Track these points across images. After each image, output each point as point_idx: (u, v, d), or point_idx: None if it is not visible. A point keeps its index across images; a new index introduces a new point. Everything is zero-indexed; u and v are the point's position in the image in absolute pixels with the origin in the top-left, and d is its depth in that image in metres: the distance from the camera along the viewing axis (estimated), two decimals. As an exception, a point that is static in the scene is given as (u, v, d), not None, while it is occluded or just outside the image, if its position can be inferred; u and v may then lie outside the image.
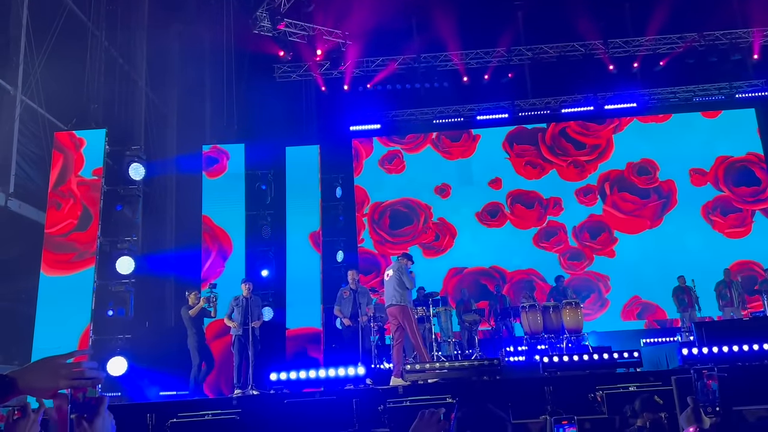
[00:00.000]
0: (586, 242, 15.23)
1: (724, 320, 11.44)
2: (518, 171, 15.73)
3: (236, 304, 9.40)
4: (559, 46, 14.91)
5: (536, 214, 15.46)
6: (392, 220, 15.72)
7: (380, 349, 10.95)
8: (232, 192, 12.49)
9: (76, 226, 9.82)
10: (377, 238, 15.65)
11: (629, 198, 15.34)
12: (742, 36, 14.55)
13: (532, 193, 15.56)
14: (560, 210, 15.46)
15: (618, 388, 6.72)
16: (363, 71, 15.02)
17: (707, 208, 15.22)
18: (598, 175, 15.56)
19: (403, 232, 15.59)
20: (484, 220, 15.53)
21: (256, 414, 6.82)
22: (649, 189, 15.39)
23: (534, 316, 10.60)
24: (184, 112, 13.92)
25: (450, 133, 16.04)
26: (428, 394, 7.10)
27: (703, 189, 15.35)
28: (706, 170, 15.43)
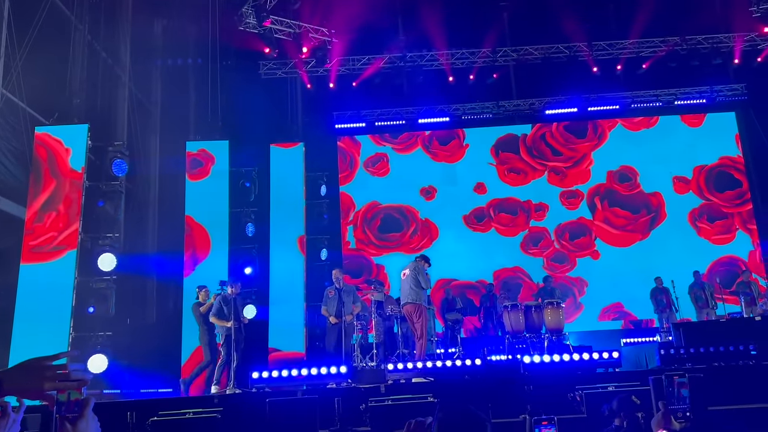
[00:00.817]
0: (568, 245, 15.34)
1: (702, 321, 11.61)
2: (501, 178, 15.76)
3: (225, 303, 9.39)
4: (544, 48, 15.01)
5: (521, 220, 15.51)
6: (383, 223, 15.67)
7: (363, 348, 10.97)
8: (215, 189, 12.45)
9: (56, 219, 9.73)
10: (363, 237, 15.61)
11: (621, 213, 15.41)
12: (724, 41, 14.75)
13: (515, 200, 15.61)
14: (543, 215, 15.53)
15: (597, 388, 6.81)
16: (349, 69, 15.01)
17: (694, 214, 15.38)
18: (588, 188, 15.62)
19: (390, 237, 15.53)
20: (470, 224, 15.57)
21: (238, 412, 6.81)
22: (639, 204, 15.45)
23: (516, 316, 10.67)
24: (168, 108, 13.83)
25: (440, 135, 16.04)
26: (410, 394, 7.14)
27: (688, 197, 15.49)
28: (689, 178, 15.60)
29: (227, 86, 13.52)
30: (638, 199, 15.56)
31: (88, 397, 1.54)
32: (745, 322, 9.87)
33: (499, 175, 15.82)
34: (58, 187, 9.90)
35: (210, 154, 12.48)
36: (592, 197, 15.59)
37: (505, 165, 15.85)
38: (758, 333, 8.65)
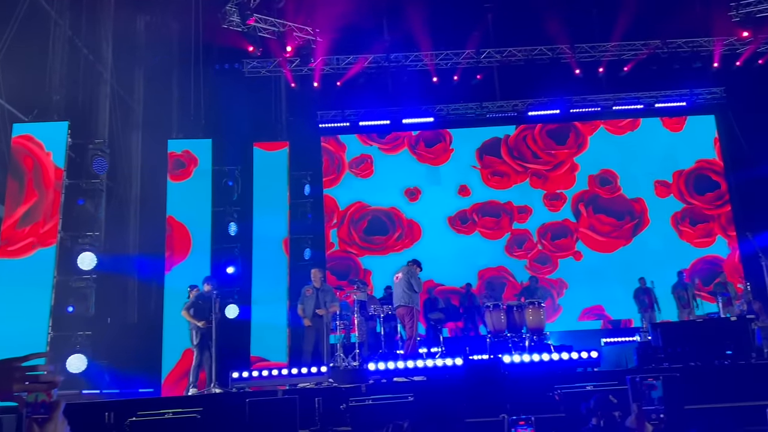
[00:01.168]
0: (550, 245, 15.43)
1: (680, 321, 11.77)
2: (485, 181, 15.80)
3: (202, 301, 9.38)
4: (527, 49, 15.09)
5: (504, 223, 15.56)
6: (369, 225, 15.59)
7: (345, 348, 10.98)
8: (198, 188, 12.39)
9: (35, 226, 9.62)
10: (347, 238, 15.53)
11: (606, 220, 15.46)
12: (704, 45, 14.93)
13: (498, 203, 15.66)
14: (527, 218, 15.60)
15: (576, 388, 6.87)
16: (333, 69, 14.99)
17: (676, 218, 15.54)
18: (572, 195, 15.69)
19: (375, 240, 15.47)
20: (455, 225, 15.59)
21: (217, 413, 6.79)
22: (623, 211, 15.51)
23: (498, 316, 10.75)
24: (150, 106, 13.72)
25: (427, 137, 16.02)
26: (391, 393, 7.16)
27: (669, 200, 15.64)
28: (669, 182, 15.76)
29: (210, 84, 13.45)
30: (622, 206, 15.62)
31: (58, 400, 1.52)
32: (721, 322, 10.01)
33: (482, 178, 15.85)
34: (41, 200, 9.79)
35: (193, 156, 12.42)
36: (576, 204, 15.67)
37: (489, 168, 15.90)
38: (734, 333, 8.78)
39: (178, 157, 12.37)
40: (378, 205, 15.72)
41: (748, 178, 14.96)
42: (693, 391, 6.81)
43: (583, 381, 7.23)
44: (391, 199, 15.75)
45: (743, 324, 9.20)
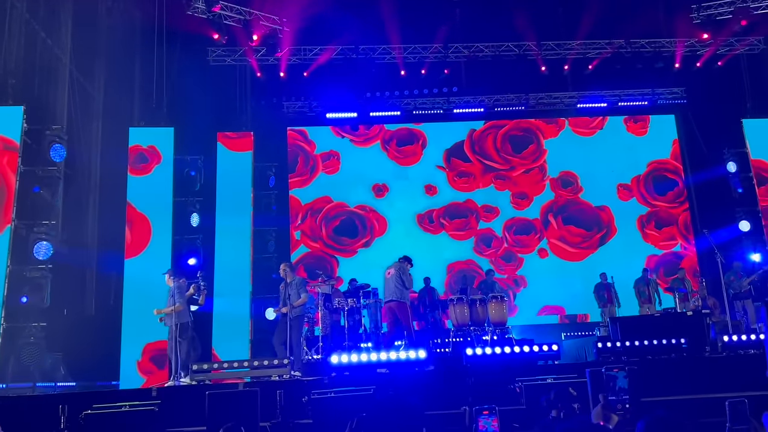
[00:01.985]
0: (515, 239, 15.53)
1: (637, 316, 12.01)
2: (452, 184, 15.80)
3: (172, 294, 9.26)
4: (495, 45, 15.18)
5: (472, 223, 15.56)
6: (342, 225, 15.38)
7: (309, 341, 10.93)
8: (159, 178, 12.16)
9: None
10: (309, 229, 15.34)
11: (576, 231, 15.51)
12: (666, 45, 15.23)
13: (465, 203, 15.67)
14: (494, 217, 15.66)
15: (537, 380, 6.96)
16: (300, 59, 14.82)
17: (642, 220, 15.77)
18: (541, 205, 15.74)
19: (343, 241, 15.27)
20: (422, 224, 15.55)
21: (176, 405, 6.68)
22: (591, 222, 15.61)
23: (461, 309, 10.83)
24: (111, 93, 13.34)
25: (402, 136, 15.92)
26: (353, 386, 7.14)
27: (633, 204, 15.85)
28: (630, 184, 15.97)
29: (173, 72, 13.16)
30: (590, 216, 15.67)
31: None
32: (677, 317, 10.25)
33: (449, 180, 15.82)
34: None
35: (157, 153, 12.17)
36: (545, 214, 15.74)
37: (455, 171, 15.85)
38: (690, 327, 9.02)
39: (143, 150, 12.10)
40: (343, 200, 15.53)
41: (706, 178, 15.35)
42: (650, 383, 6.95)
43: (544, 374, 7.33)
44: (357, 196, 15.58)
45: (698, 319, 9.46)
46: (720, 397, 6.75)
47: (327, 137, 15.87)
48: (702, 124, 15.60)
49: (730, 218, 14.57)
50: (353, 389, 6.90)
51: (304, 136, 15.86)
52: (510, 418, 6.50)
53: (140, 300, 11.27)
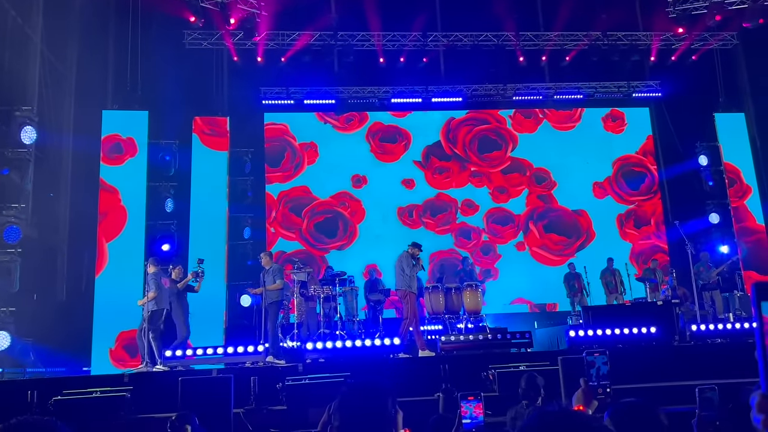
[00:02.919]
0: (495, 229, 15.57)
1: (609, 305, 12.19)
2: (429, 181, 15.75)
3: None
4: (473, 35, 15.18)
5: (452, 218, 15.56)
6: (325, 222, 15.17)
7: (284, 328, 10.90)
8: (133, 161, 11.98)
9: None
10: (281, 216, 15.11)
11: (557, 239, 15.43)
12: (642, 39, 15.39)
13: (443, 198, 15.67)
14: (473, 212, 15.68)
15: (509, 368, 7.03)
16: (278, 44, 14.66)
17: (621, 218, 15.88)
18: (522, 212, 15.71)
19: (322, 239, 14.98)
20: (402, 217, 15.48)
21: (147, 391, 6.62)
22: (570, 228, 15.58)
23: (436, 297, 10.91)
24: (83, 74, 13.07)
25: (387, 134, 15.82)
26: (328, 372, 7.15)
27: (609, 201, 15.94)
28: (603, 181, 16.05)
29: (148, 54, 12.94)
30: (570, 222, 15.68)
31: None
32: (647, 306, 10.44)
33: (427, 178, 15.81)
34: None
35: (134, 144, 11.95)
36: (526, 222, 15.73)
37: (431, 169, 15.82)
38: (659, 317, 9.19)
39: (120, 141, 11.89)
40: (321, 191, 15.36)
41: (679, 170, 15.59)
42: (620, 371, 7.06)
43: (517, 361, 7.41)
44: (336, 185, 15.46)
45: (668, 308, 9.65)
46: (689, 384, 6.92)
47: (307, 123, 15.68)
48: (676, 118, 15.80)
49: (701, 210, 14.85)
50: (328, 375, 6.91)
51: (290, 130, 15.58)
52: (483, 404, 6.56)
53: (113, 286, 11.15)
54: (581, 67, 15.56)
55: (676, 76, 15.50)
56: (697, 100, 15.47)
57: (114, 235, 11.83)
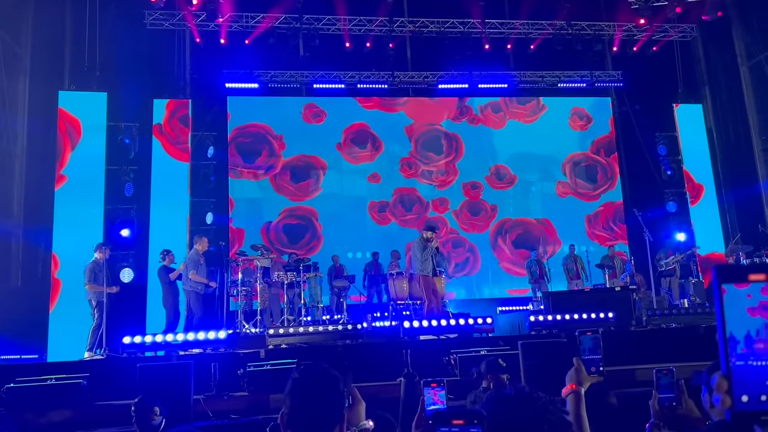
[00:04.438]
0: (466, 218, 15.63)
1: (568, 291, 12.42)
2: (400, 171, 15.65)
3: (99, 270, 9.06)
4: (440, 21, 15.16)
5: (423, 211, 15.57)
6: (293, 228, 14.91)
7: (246, 314, 10.81)
8: (91, 144, 11.67)
9: None
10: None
11: (526, 254, 14.79)
12: (605, 29, 15.59)
13: (412, 191, 15.69)
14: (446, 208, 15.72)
15: (470, 352, 7.11)
16: (242, 26, 14.40)
17: (590, 218, 16.04)
18: (491, 228, 15.75)
19: (287, 245, 14.58)
20: (371, 211, 15.40)
21: (105, 378, 6.50)
22: (538, 239, 15.60)
23: (400, 283, 10.97)
24: (38, 53, 12.63)
25: (358, 140, 15.58)
26: (290, 358, 7.12)
27: (572, 200, 16.12)
28: (565, 180, 16.19)
29: (108, 34, 12.56)
30: (536, 236, 15.70)
31: None
32: (606, 292, 10.66)
33: (399, 170, 15.71)
34: None
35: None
36: (495, 236, 15.76)
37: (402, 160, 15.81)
38: (617, 302, 9.41)
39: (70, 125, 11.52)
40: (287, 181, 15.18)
41: (639, 159, 15.90)
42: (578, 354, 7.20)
43: (478, 346, 7.50)
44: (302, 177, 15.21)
45: (626, 294, 9.88)
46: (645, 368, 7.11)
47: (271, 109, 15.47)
48: (636, 108, 16.09)
49: (659, 199, 15.19)
50: (290, 362, 6.88)
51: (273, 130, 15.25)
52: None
53: (70, 272, 10.90)
54: (545, 56, 15.71)
55: (638, 66, 15.76)
56: (658, 91, 15.78)
57: (72, 218, 11.53)
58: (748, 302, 0.87)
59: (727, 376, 0.87)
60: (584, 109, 16.63)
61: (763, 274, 0.87)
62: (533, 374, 6.34)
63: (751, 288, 0.88)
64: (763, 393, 0.85)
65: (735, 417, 0.86)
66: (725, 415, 0.88)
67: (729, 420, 0.87)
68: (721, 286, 0.89)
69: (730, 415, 0.87)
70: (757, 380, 0.86)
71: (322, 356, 7.18)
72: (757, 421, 0.86)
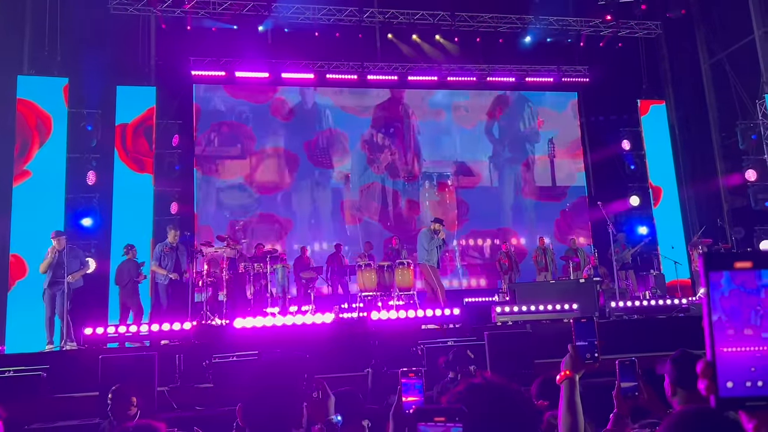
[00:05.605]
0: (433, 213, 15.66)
1: (534, 282, 12.60)
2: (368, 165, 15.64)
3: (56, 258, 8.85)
4: (410, 13, 15.13)
5: (390, 207, 15.54)
6: (260, 219, 14.80)
7: (212, 306, 10.68)
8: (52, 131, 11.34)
9: None
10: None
11: (491, 267, 15.21)
12: (572, 24, 15.75)
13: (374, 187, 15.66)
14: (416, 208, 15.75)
15: (438, 343, 7.15)
16: (209, 12, 14.13)
17: (556, 211, 16.26)
18: (459, 222, 15.77)
19: (255, 235, 14.31)
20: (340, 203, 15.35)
21: (65, 370, 6.36)
22: (506, 231, 15.78)
23: (369, 275, 10.96)
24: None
25: (326, 139, 15.51)
26: (257, 350, 7.06)
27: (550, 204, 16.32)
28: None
29: (70, 17, 12.19)
30: (504, 228, 15.87)
31: None
32: (571, 284, 10.84)
33: (367, 161, 15.69)
34: None
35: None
36: (464, 229, 15.89)
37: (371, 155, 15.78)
38: (581, 294, 9.57)
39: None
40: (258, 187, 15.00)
41: (603, 153, 16.17)
42: (544, 346, 7.32)
43: (445, 337, 7.55)
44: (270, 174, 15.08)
45: (590, 286, 10.06)
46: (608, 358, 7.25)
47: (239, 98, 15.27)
48: (602, 103, 16.34)
49: (622, 192, 15.47)
50: (256, 353, 6.83)
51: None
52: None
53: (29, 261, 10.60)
54: (513, 51, 15.82)
55: (604, 62, 15.97)
56: (623, 87, 16.03)
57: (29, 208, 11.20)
58: (735, 289, 0.89)
59: (712, 363, 0.88)
60: (551, 102, 16.85)
61: (749, 261, 0.88)
62: (499, 364, 6.41)
63: (738, 275, 0.89)
64: (748, 379, 0.86)
65: (720, 403, 0.87)
66: (710, 402, 0.89)
67: (714, 406, 0.88)
68: (708, 273, 0.90)
69: (715, 401, 0.88)
70: (743, 367, 0.87)
71: (288, 348, 7.14)
72: (742, 407, 0.87)
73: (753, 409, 0.87)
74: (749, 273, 0.88)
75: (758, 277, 0.88)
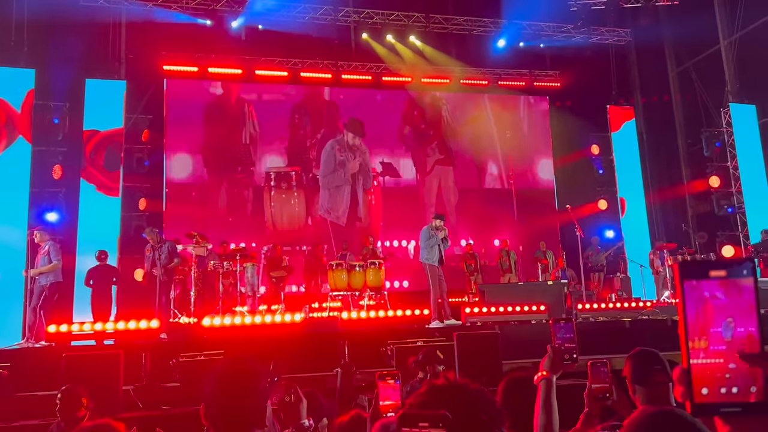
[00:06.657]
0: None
1: (505, 284, 12.73)
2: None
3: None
4: (385, 13, 15.14)
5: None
6: (231, 216, 14.62)
7: (179, 304, 10.55)
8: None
9: None
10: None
11: (463, 248, 14.94)
12: (545, 29, 15.94)
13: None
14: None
15: (407, 343, 7.18)
16: (182, 7, 13.95)
17: (525, 213, 16.31)
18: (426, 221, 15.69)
19: (225, 232, 13.97)
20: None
21: (28, 368, 6.22)
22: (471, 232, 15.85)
23: (340, 274, 10.93)
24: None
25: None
26: (224, 349, 7.00)
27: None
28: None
29: (37, 8, 11.91)
30: (470, 229, 15.94)
31: None
32: (539, 285, 10.97)
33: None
34: None
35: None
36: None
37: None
38: (549, 295, 9.70)
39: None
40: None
41: (572, 158, 16.39)
42: (511, 347, 7.41)
43: (415, 337, 7.59)
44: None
45: (558, 288, 10.19)
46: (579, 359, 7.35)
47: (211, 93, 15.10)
48: (572, 107, 16.55)
49: (591, 196, 15.70)
50: (224, 351, 6.77)
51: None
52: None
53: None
54: (486, 54, 15.94)
55: (575, 67, 16.18)
56: (593, 92, 16.26)
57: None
58: (709, 297, 0.90)
59: (688, 370, 0.89)
60: (522, 106, 17.01)
61: (723, 270, 0.90)
62: (468, 365, 6.47)
63: (712, 284, 0.91)
64: (722, 386, 0.88)
65: (695, 409, 0.89)
66: (686, 407, 0.90)
67: (690, 412, 0.90)
68: (683, 282, 0.91)
69: (691, 407, 0.89)
70: (717, 374, 0.89)
71: (256, 347, 7.10)
72: (716, 412, 0.89)
73: (728, 415, 0.89)
74: (723, 281, 0.90)
75: (732, 285, 0.90)
